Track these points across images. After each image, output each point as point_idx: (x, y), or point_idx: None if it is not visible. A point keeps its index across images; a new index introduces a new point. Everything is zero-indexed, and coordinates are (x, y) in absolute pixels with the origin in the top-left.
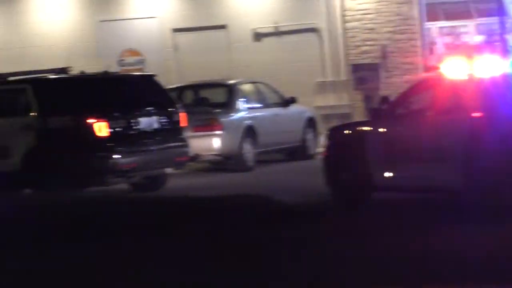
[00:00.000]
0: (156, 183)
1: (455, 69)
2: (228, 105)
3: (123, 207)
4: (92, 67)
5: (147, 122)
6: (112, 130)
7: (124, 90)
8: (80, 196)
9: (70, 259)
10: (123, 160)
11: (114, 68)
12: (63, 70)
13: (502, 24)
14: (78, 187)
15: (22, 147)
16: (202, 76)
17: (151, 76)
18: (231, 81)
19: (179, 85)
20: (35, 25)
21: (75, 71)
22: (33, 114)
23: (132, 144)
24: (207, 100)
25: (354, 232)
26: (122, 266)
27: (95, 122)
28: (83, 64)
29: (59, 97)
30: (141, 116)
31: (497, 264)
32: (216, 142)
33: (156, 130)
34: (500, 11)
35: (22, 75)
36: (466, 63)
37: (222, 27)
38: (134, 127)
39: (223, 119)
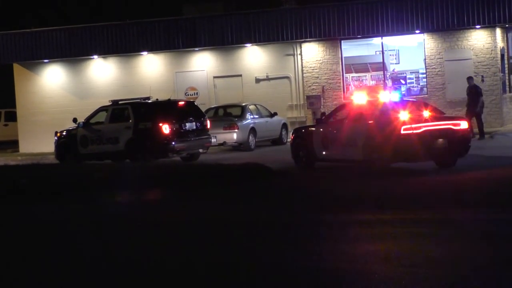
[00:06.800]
0: (194, 157)
1: (359, 98)
2: (241, 116)
3: (179, 168)
4: (165, 97)
5: (190, 125)
6: (171, 129)
7: (179, 108)
8: (155, 163)
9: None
10: (177, 145)
11: (182, 97)
12: (146, 98)
13: (384, 75)
14: (153, 158)
15: (125, 138)
16: (228, 101)
17: (192, 102)
18: (243, 104)
19: (216, 105)
20: (140, 74)
21: (153, 99)
22: (131, 121)
23: (182, 137)
24: (231, 113)
25: (309, 180)
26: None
27: (163, 125)
28: (161, 96)
29: (145, 112)
30: (187, 122)
31: (390, 197)
32: (234, 135)
33: (194, 129)
34: (384, 68)
35: (126, 100)
36: (364, 95)
37: (239, 75)
38: (183, 128)
39: (239, 123)
